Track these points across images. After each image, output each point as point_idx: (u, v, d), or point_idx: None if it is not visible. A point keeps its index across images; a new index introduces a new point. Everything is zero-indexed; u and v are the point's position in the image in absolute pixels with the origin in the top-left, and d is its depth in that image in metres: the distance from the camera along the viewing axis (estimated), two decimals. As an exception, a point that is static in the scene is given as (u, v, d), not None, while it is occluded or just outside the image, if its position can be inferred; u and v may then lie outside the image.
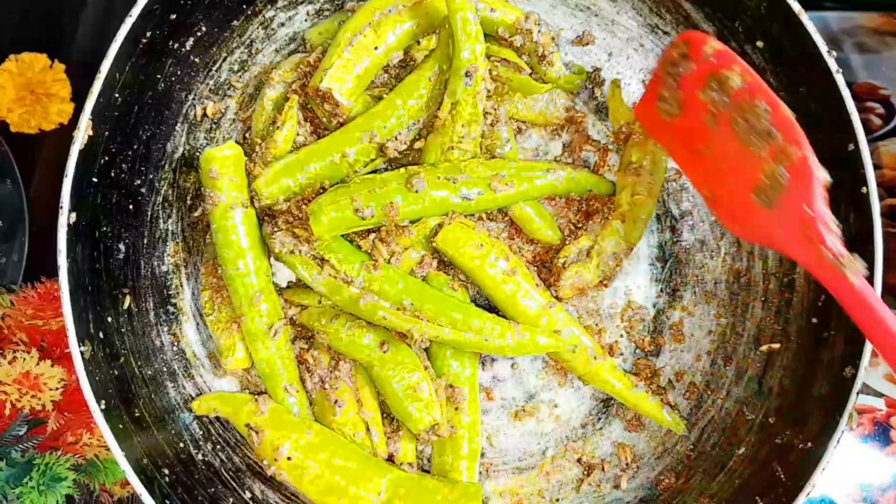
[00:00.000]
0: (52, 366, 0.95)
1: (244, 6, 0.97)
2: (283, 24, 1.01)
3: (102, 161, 0.86)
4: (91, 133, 0.83)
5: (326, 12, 1.01)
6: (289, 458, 0.88)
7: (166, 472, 0.86)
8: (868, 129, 1.18)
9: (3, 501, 0.92)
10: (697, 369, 0.99)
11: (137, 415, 0.87)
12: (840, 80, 0.84)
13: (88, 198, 0.85)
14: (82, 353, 0.81)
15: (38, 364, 0.95)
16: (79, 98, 1.17)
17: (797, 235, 0.76)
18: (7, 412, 0.94)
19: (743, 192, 0.82)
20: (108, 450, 0.95)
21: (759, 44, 0.90)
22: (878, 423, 1.09)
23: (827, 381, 0.85)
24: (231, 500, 0.91)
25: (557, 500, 0.98)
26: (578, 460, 0.98)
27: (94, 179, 0.86)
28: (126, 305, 0.91)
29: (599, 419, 0.99)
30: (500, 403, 0.99)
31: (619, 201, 0.98)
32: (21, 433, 0.94)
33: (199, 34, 0.94)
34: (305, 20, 1.01)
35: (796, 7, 0.85)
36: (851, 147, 0.83)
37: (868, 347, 0.81)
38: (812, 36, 0.85)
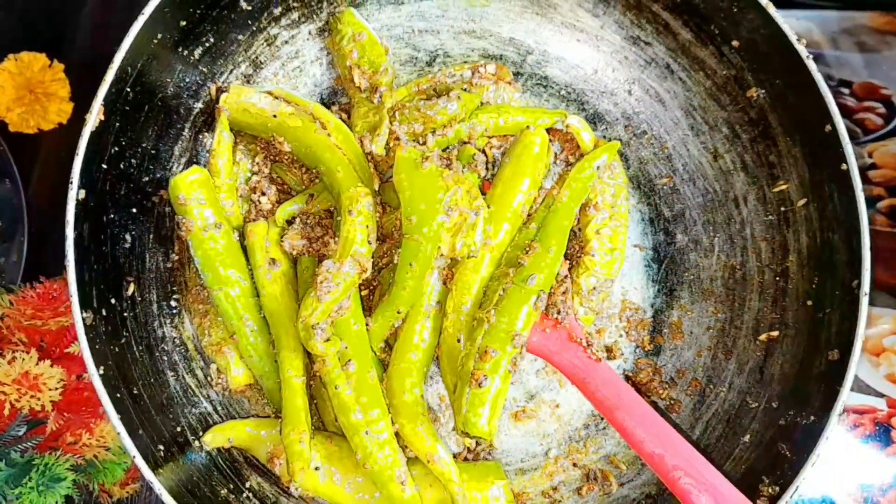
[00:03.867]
0: (51, 366, 1.03)
1: (249, 22, 1.10)
2: (286, 42, 1.15)
3: (113, 151, 0.97)
4: (103, 118, 0.94)
5: (326, 33, 1.15)
6: (317, 469, 0.99)
7: (161, 448, 0.95)
8: (869, 128, 1.30)
9: (3, 501, 0.98)
10: (699, 365, 1.09)
11: (136, 392, 0.95)
12: (812, 65, 0.97)
13: (98, 183, 0.96)
14: (84, 319, 0.90)
15: (37, 364, 1.03)
16: (78, 98, 1.27)
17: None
18: (6, 412, 1.01)
19: None
20: (107, 450, 1.04)
21: (735, 43, 1.04)
22: (879, 424, 1.18)
23: (826, 357, 0.95)
24: (229, 487, 1.00)
25: (562, 499, 1.07)
26: (582, 464, 1.08)
27: (104, 166, 0.96)
28: (130, 292, 1.01)
29: (602, 419, 1.09)
30: (500, 403, 1.10)
31: (587, 237, 1.09)
32: (20, 433, 1.02)
33: (207, 44, 1.07)
34: (308, 38, 1.15)
35: (763, 1, 0.98)
36: (829, 128, 0.96)
37: (863, 314, 0.92)
38: (781, 26, 0.98)
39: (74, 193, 0.92)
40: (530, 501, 1.07)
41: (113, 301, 0.98)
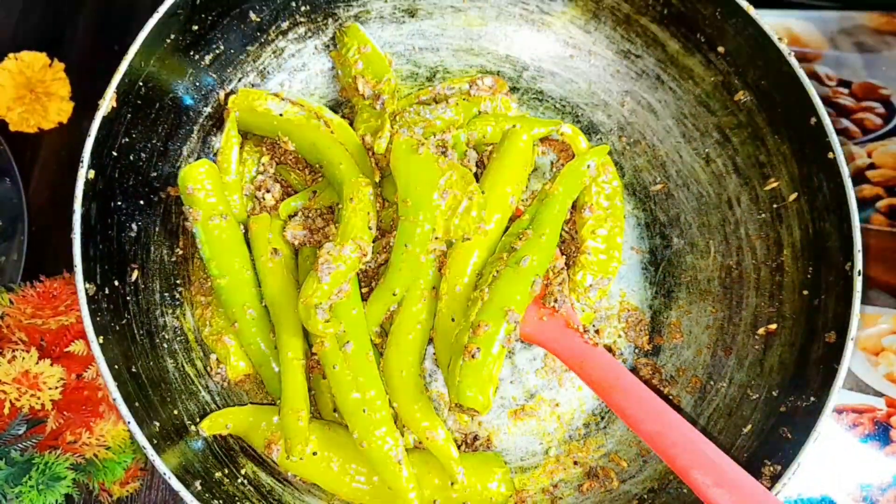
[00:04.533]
0: (51, 365, 1.03)
1: (258, 34, 1.16)
2: (293, 55, 1.21)
3: (123, 141, 1.01)
4: (115, 105, 0.98)
5: (332, 47, 1.21)
6: (314, 454, 1.01)
7: (157, 423, 0.95)
8: (868, 128, 1.33)
9: (3, 500, 0.98)
10: (699, 363, 1.11)
11: (134, 371, 0.97)
12: (793, 61, 1.02)
13: (107, 168, 0.99)
14: (86, 290, 0.93)
15: (37, 363, 1.02)
16: (78, 97, 1.30)
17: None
18: (6, 411, 1.01)
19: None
20: (107, 449, 1.04)
21: (720, 49, 1.09)
22: (878, 423, 1.17)
23: (823, 340, 0.98)
24: (224, 471, 1.01)
25: (562, 496, 1.08)
26: (583, 461, 1.09)
27: (114, 153, 1.00)
28: (133, 278, 1.03)
29: (603, 418, 1.11)
30: (500, 402, 1.11)
31: (583, 237, 1.13)
32: (20, 432, 1.01)
33: (217, 51, 1.13)
34: (314, 52, 1.21)
35: (744, 4, 1.04)
36: (814, 120, 1.00)
37: (858, 292, 0.95)
38: (762, 27, 1.03)
39: (84, 171, 0.94)
40: (530, 498, 1.08)
41: (116, 283, 1.01)
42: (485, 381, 0.97)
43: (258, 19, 1.14)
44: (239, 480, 1.01)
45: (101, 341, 0.92)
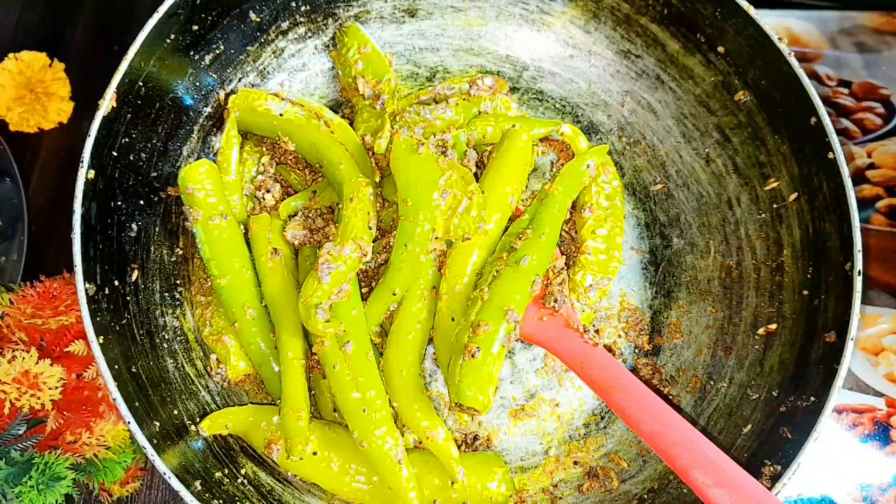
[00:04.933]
0: (51, 365, 1.03)
1: (258, 34, 1.17)
2: (293, 55, 1.21)
3: (123, 141, 1.02)
4: (115, 105, 0.99)
5: (332, 47, 1.22)
6: (314, 454, 1.01)
7: (157, 423, 0.96)
8: (868, 128, 1.33)
9: (3, 500, 0.99)
10: (699, 363, 1.11)
11: (134, 371, 0.97)
12: (794, 61, 1.02)
13: (107, 169, 1.00)
14: (87, 290, 0.93)
15: (37, 363, 1.03)
16: (78, 97, 1.31)
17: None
18: (6, 411, 1.01)
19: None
20: (107, 449, 1.04)
21: (720, 49, 1.10)
22: (878, 423, 1.18)
23: (823, 340, 0.98)
24: (224, 471, 1.01)
25: (562, 496, 1.08)
26: (583, 461, 1.09)
27: (114, 154, 1.01)
28: (133, 278, 1.04)
29: (603, 418, 1.11)
30: (500, 402, 1.11)
31: (583, 237, 1.13)
32: (20, 432, 1.02)
33: (217, 51, 1.13)
34: (314, 52, 1.22)
35: (744, 4, 1.04)
36: (814, 120, 1.01)
37: (857, 292, 0.95)
38: (762, 27, 1.04)
39: (84, 171, 0.95)
40: (530, 498, 1.08)
41: (116, 283, 1.01)
42: (485, 380, 0.98)
43: (258, 19, 1.15)
44: (239, 480, 1.02)
45: (101, 341, 0.92)
